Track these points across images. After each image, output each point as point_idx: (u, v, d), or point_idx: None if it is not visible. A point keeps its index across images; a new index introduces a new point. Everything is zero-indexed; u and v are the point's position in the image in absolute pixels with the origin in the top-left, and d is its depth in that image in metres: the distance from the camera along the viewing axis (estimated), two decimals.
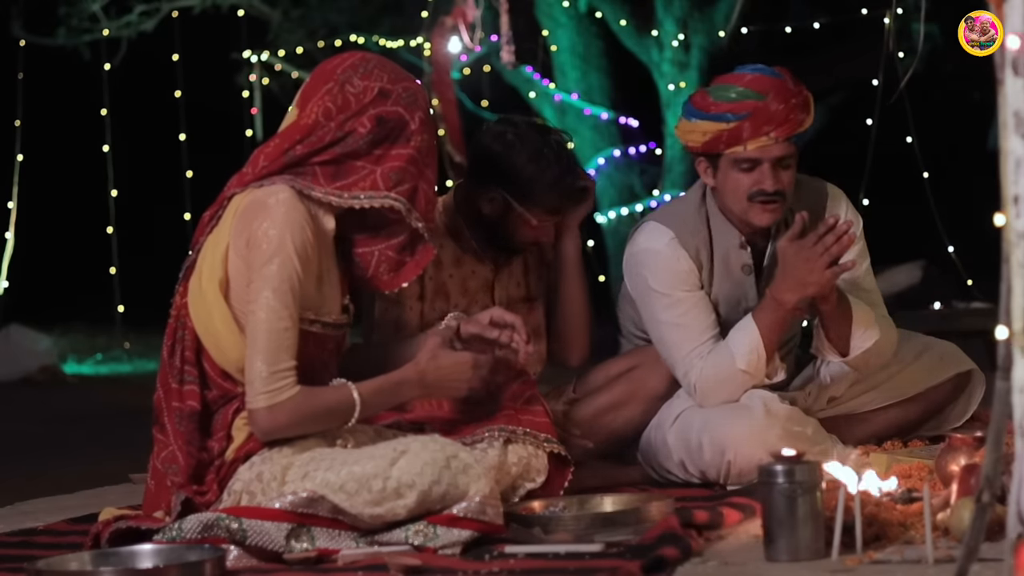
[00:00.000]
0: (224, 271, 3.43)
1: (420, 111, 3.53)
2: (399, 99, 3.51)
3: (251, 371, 3.37)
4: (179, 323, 3.48)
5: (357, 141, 3.48)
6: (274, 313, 3.36)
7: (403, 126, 3.50)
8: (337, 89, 3.51)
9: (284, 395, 3.35)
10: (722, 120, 4.01)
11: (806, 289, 3.93)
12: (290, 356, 3.37)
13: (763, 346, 4.01)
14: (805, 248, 3.90)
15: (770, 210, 4.05)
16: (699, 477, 4.08)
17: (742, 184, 4.04)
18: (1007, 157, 2.24)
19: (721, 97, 4.04)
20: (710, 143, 4.05)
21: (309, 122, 3.50)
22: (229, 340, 3.42)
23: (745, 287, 4.18)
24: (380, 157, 3.49)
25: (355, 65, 3.54)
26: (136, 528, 3.37)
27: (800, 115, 4.02)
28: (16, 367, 10.89)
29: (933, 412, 4.43)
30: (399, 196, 3.47)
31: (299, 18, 12.51)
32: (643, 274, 4.15)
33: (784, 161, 4.04)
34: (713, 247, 4.15)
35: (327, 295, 3.49)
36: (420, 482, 3.28)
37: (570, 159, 4.12)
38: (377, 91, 3.50)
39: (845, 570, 2.97)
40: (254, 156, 3.54)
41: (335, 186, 3.46)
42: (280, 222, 3.38)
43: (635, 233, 4.23)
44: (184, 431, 3.41)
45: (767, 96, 4.00)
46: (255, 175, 3.49)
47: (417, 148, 3.50)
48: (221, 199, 3.52)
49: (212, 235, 3.49)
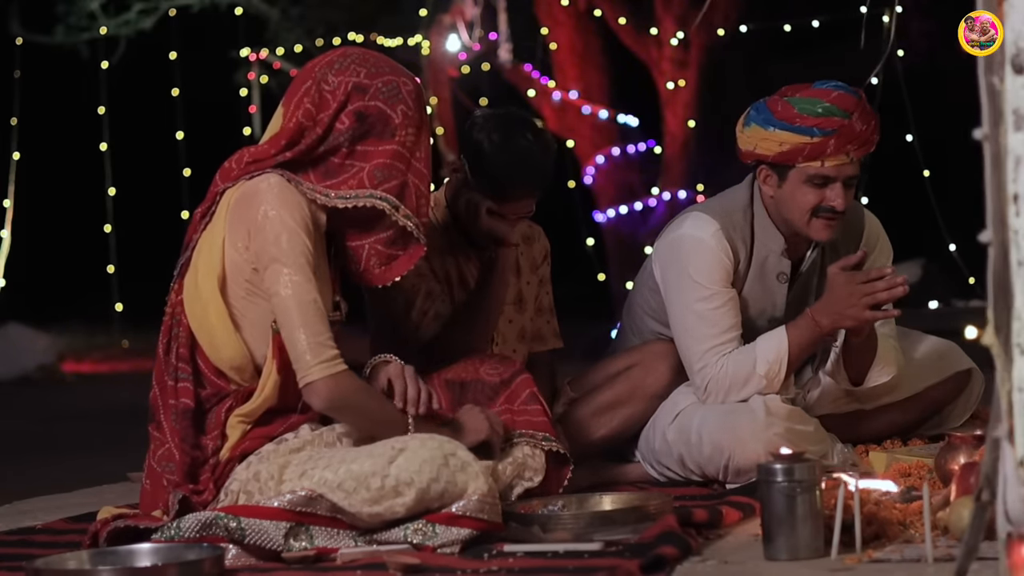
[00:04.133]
0: (221, 266, 3.43)
1: (402, 104, 3.49)
2: (378, 93, 3.49)
3: (295, 347, 3.34)
4: (174, 320, 3.48)
5: (338, 138, 3.47)
6: (299, 287, 3.34)
7: (385, 120, 3.48)
8: (315, 88, 3.50)
9: (340, 367, 3.34)
10: (807, 134, 3.98)
11: (844, 320, 3.96)
12: (327, 327, 3.36)
13: (788, 359, 4.03)
14: (853, 283, 3.91)
15: (831, 227, 4.05)
16: (698, 475, 4.07)
17: (810, 199, 4.02)
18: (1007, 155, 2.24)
19: (806, 111, 4.00)
20: (787, 154, 4.01)
21: (291, 125, 3.49)
22: (223, 337, 3.42)
23: (775, 294, 4.18)
24: (365, 154, 3.47)
25: (331, 62, 3.53)
26: (134, 527, 3.37)
27: (875, 136, 4.04)
28: (14, 366, 10.89)
29: (933, 411, 4.43)
30: (385, 194, 3.45)
31: (297, 16, 12.49)
32: (684, 260, 4.11)
33: (853, 180, 4.04)
34: (754, 250, 4.14)
35: (319, 290, 3.48)
36: (419, 480, 3.28)
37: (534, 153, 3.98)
38: (352, 86, 3.48)
39: (844, 569, 2.97)
40: (239, 153, 3.53)
41: (325, 184, 3.46)
42: (277, 202, 3.38)
43: (678, 220, 4.19)
44: (179, 428, 3.41)
45: (852, 115, 3.98)
46: (242, 170, 3.49)
47: (402, 143, 3.48)
48: (212, 195, 3.52)
49: (207, 231, 3.49)
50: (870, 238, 4.26)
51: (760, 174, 4.11)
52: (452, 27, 11.08)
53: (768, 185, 4.09)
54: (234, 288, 3.43)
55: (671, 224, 4.23)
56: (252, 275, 3.41)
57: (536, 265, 4.31)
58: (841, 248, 4.21)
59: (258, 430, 3.44)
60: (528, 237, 4.30)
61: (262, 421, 3.45)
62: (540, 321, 4.32)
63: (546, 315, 4.33)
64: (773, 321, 4.18)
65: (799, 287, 4.20)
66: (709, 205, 4.23)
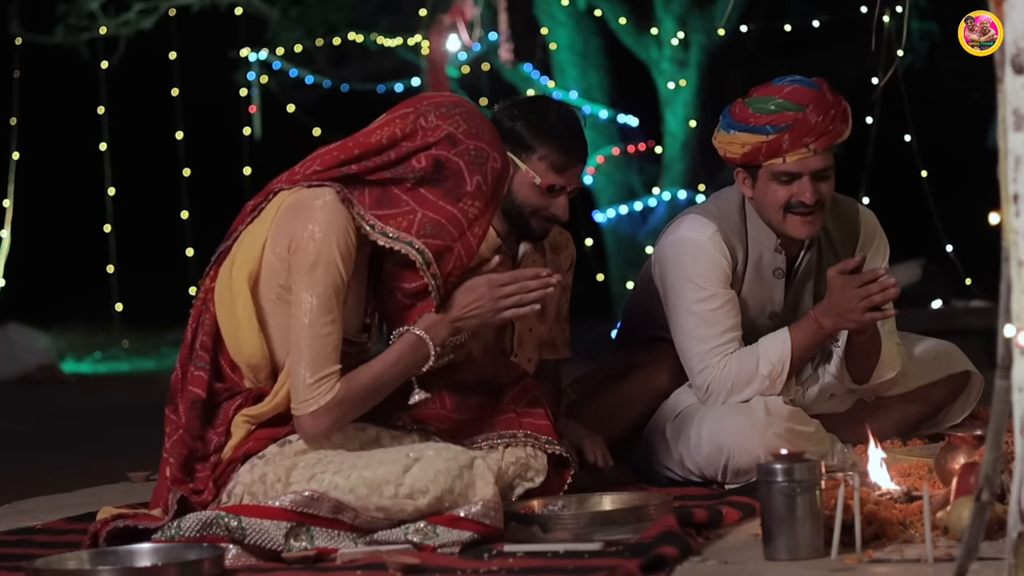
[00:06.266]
0: (258, 264, 3.42)
1: (480, 175, 3.45)
2: (465, 152, 3.45)
3: (296, 379, 3.36)
4: (204, 307, 3.48)
5: (408, 173, 3.44)
6: (317, 318, 3.35)
7: (459, 181, 3.45)
8: (412, 117, 3.47)
9: (325, 399, 3.35)
10: (761, 132, 4.00)
11: (845, 322, 3.97)
12: (334, 360, 3.37)
13: (791, 360, 4.03)
14: (850, 286, 3.92)
15: (808, 222, 4.05)
16: (698, 475, 4.07)
17: (780, 196, 4.03)
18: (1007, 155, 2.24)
19: (760, 109, 4.01)
20: (749, 155, 4.04)
21: (373, 141, 3.46)
22: (247, 333, 3.42)
23: (773, 291, 4.19)
24: (424, 200, 3.44)
25: (441, 103, 3.50)
26: (134, 527, 3.37)
27: (839, 126, 4.02)
28: (14, 366, 10.90)
29: (932, 411, 4.43)
30: (424, 247, 3.43)
31: (297, 16, 12.50)
32: (682, 262, 4.12)
33: (823, 173, 4.03)
34: (749, 248, 4.15)
35: (349, 310, 3.47)
36: (433, 490, 3.28)
37: (572, 120, 4.06)
38: (446, 134, 3.45)
39: (844, 569, 2.97)
40: (311, 157, 3.51)
41: (375, 213, 3.44)
42: (325, 224, 3.36)
43: (675, 223, 4.20)
44: (186, 417, 3.41)
45: (806, 108, 3.98)
46: (305, 176, 3.47)
47: (463, 211, 3.45)
48: (267, 191, 3.51)
49: (252, 225, 3.47)
50: (867, 236, 4.27)
51: (738, 177, 4.14)
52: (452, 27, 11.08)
53: (746, 187, 4.12)
54: (266, 289, 3.42)
55: (669, 227, 4.24)
56: (285, 282, 3.41)
57: (562, 274, 4.31)
58: (838, 245, 4.21)
59: (263, 431, 3.44)
60: (556, 245, 4.30)
61: (268, 423, 3.45)
62: (556, 329, 4.32)
63: (561, 323, 4.34)
64: (774, 318, 4.18)
65: (797, 283, 4.21)
66: (705, 207, 4.24)
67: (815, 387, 4.18)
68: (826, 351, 4.16)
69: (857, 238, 4.25)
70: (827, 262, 4.19)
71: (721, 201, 4.21)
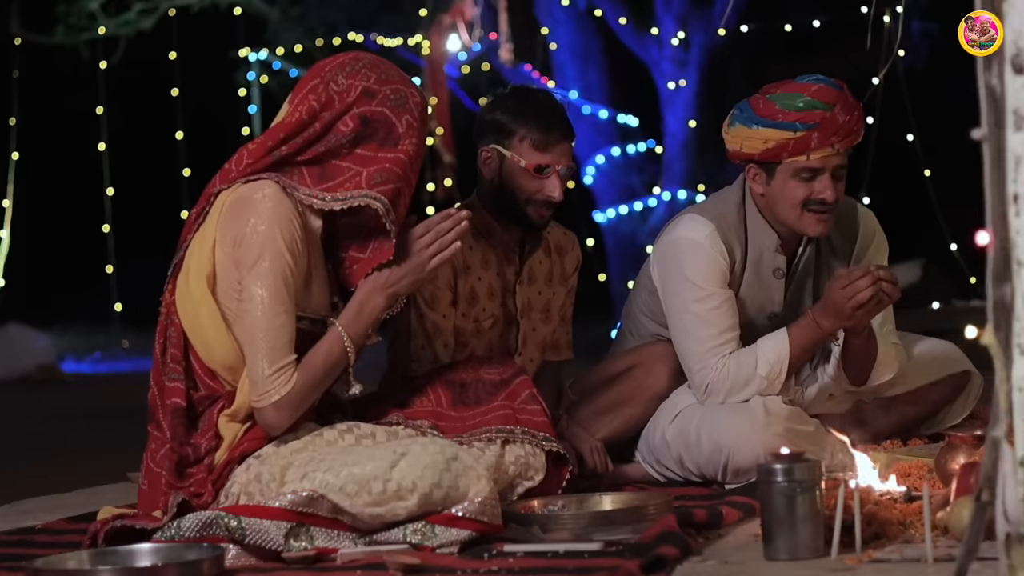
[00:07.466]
0: (211, 266, 3.44)
1: (408, 114, 3.51)
2: (385, 100, 3.50)
3: (254, 371, 3.39)
4: (168, 320, 3.49)
5: (339, 139, 3.48)
6: (269, 310, 3.37)
7: (389, 128, 3.50)
8: (322, 87, 3.51)
9: (285, 388, 3.39)
10: (790, 129, 3.99)
11: (842, 320, 3.96)
12: (290, 350, 3.41)
13: (789, 360, 4.03)
14: (840, 283, 3.92)
15: (823, 220, 4.04)
16: (697, 475, 4.07)
17: (799, 193, 4.03)
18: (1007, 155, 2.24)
19: (788, 106, 4.00)
20: (772, 151, 4.02)
21: (294, 120, 3.50)
22: (215, 336, 3.43)
23: (772, 291, 4.18)
24: (365, 158, 3.48)
25: (343, 64, 3.54)
26: (134, 527, 3.37)
27: (860, 126, 4.05)
28: (14, 366, 10.89)
29: (932, 411, 4.43)
30: (379, 195, 3.46)
31: (297, 16, 12.51)
32: (680, 262, 4.12)
33: (841, 172, 4.05)
34: (748, 248, 4.14)
35: (315, 292, 3.50)
36: (421, 485, 3.28)
37: (550, 100, 4.08)
38: (361, 90, 3.49)
39: (844, 569, 2.97)
40: (238, 153, 3.55)
41: (321, 187, 3.47)
42: (268, 217, 3.39)
43: (673, 223, 4.20)
44: (170, 426, 3.42)
45: (834, 107, 3.98)
46: (240, 172, 3.50)
47: (406, 152, 3.49)
48: (207, 196, 3.53)
49: (199, 232, 3.50)
50: (865, 234, 4.26)
51: (749, 173, 4.12)
52: (452, 27, 11.08)
53: (757, 183, 4.10)
54: (224, 290, 3.44)
55: (667, 227, 4.24)
56: (240, 280, 3.42)
57: (567, 276, 4.32)
58: (836, 245, 4.21)
59: (257, 430, 3.45)
60: (562, 248, 4.30)
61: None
62: (559, 331, 4.32)
63: (565, 325, 4.34)
64: (773, 318, 4.18)
65: (796, 283, 4.21)
66: (703, 207, 4.24)
67: (814, 387, 4.18)
68: (825, 351, 4.16)
69: (856, 237, 4.25)
70: (825, 261, 4.19)
71: (719, 200, 4.21)
